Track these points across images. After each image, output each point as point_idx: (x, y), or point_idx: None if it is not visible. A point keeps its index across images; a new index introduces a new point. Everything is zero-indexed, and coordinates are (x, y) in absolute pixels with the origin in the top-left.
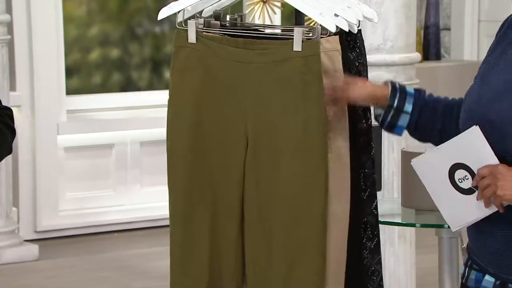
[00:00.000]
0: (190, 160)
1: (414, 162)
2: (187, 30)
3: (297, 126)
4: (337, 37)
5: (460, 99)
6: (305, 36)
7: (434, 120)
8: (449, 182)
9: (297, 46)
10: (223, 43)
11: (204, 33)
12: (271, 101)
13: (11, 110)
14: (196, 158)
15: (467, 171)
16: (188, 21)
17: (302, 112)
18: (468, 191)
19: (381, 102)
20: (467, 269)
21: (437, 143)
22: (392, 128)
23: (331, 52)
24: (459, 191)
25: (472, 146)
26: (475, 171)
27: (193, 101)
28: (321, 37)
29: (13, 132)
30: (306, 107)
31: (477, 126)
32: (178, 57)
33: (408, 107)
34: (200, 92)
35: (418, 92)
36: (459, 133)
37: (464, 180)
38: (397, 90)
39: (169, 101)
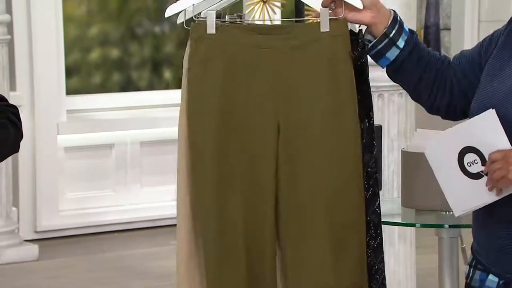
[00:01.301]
0: (218, 153)
1: (426, 145)
2: (203, 21)
3: (329, 106)
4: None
5: (444, 56)
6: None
7: (418, 66)
8: (458, 165)
9: (325, 27)
10: (245, 30)
11: (221, 23)
12: (300, 84)
13: (16, 109)
14: (224, 150)
15: (477, 155)
16: (208, 11)
17: (333, 92)
18: (476, 176)
19: (378, 24)
20: (471, 269)
21: (408, 89)
22: (379, 57)
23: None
24: (466, 175)
25: (486, 130)
26: (486, 156)
27: (217, 92)
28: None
29: (17, 129)
30: (337, 87)
31: (493, 110)
32: (198, 49)
33: (401, 42)
34: (224, 82)
35: (411, 32)
36: (442, 90)
37: (473, 164)
38: (398, 21)
39: (189, 94)
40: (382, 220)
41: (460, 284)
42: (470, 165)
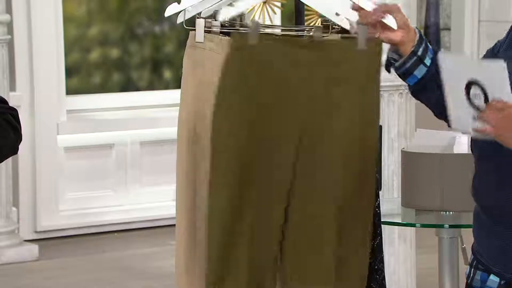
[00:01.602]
0: (240, 160)
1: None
2: (244, 30)
3: (355, 124)
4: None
5: None
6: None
7: (440, 85)
8: (464, 90)
9: (362, 45)
10: (282, 42)
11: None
12: (330, 101)
13: (16, 111)
14: (244, 157)
15: (482, 92)
16: (251, 22)
17: (361, 112)
18: (476, 107)
19: (406, 43)
20: (472, 269)
21: (432, 107)
22: (408, 75)
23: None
24: (469, 102)
25: (495, 77)
26: (489, 98)
27: (249, 102)
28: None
29: (16, 132)
30: (365, 106)
31: (504, 64)
32: (235, 59)
33: (428, 60)
34: (257, 93)
35: (435, 52)
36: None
37: (477, 97)
38: (423, 40)
39: (220, 101)
40: (382, 220)
41: (460, 284)
42: (474, 97)
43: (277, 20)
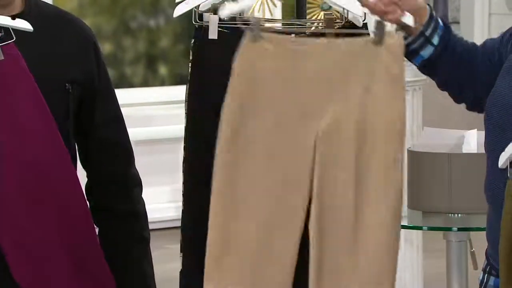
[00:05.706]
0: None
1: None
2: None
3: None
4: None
5: (475, 47)
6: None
7: (451, 61)
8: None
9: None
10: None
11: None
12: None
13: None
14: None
15: None
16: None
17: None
18: None
19: (420, 21)
20: (485, 275)
21: (437, 81)
22: (414, 55)
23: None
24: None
25: None
26: None
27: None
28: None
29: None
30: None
31: None
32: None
33: (436, 39)
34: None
35: (446, 27)
36: (470, 82)
37: None
38: (433, 19)
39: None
40: None
41: None
42: None
43: (278, 14)
